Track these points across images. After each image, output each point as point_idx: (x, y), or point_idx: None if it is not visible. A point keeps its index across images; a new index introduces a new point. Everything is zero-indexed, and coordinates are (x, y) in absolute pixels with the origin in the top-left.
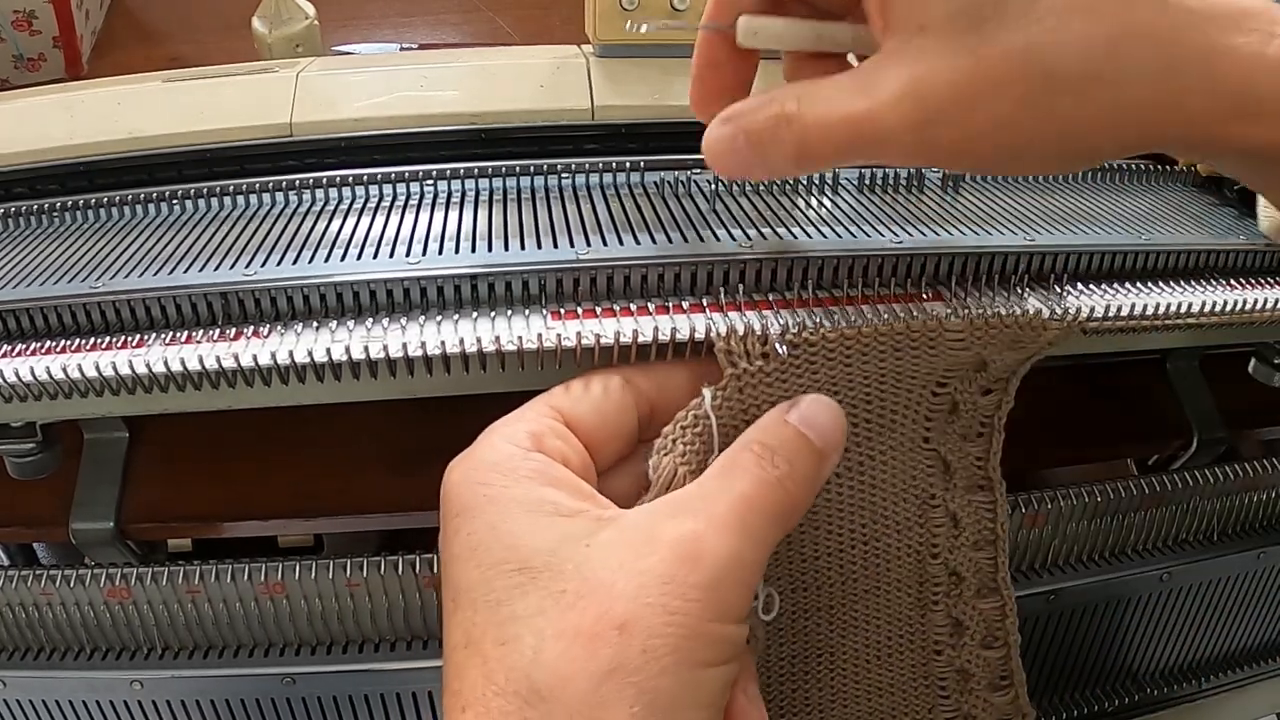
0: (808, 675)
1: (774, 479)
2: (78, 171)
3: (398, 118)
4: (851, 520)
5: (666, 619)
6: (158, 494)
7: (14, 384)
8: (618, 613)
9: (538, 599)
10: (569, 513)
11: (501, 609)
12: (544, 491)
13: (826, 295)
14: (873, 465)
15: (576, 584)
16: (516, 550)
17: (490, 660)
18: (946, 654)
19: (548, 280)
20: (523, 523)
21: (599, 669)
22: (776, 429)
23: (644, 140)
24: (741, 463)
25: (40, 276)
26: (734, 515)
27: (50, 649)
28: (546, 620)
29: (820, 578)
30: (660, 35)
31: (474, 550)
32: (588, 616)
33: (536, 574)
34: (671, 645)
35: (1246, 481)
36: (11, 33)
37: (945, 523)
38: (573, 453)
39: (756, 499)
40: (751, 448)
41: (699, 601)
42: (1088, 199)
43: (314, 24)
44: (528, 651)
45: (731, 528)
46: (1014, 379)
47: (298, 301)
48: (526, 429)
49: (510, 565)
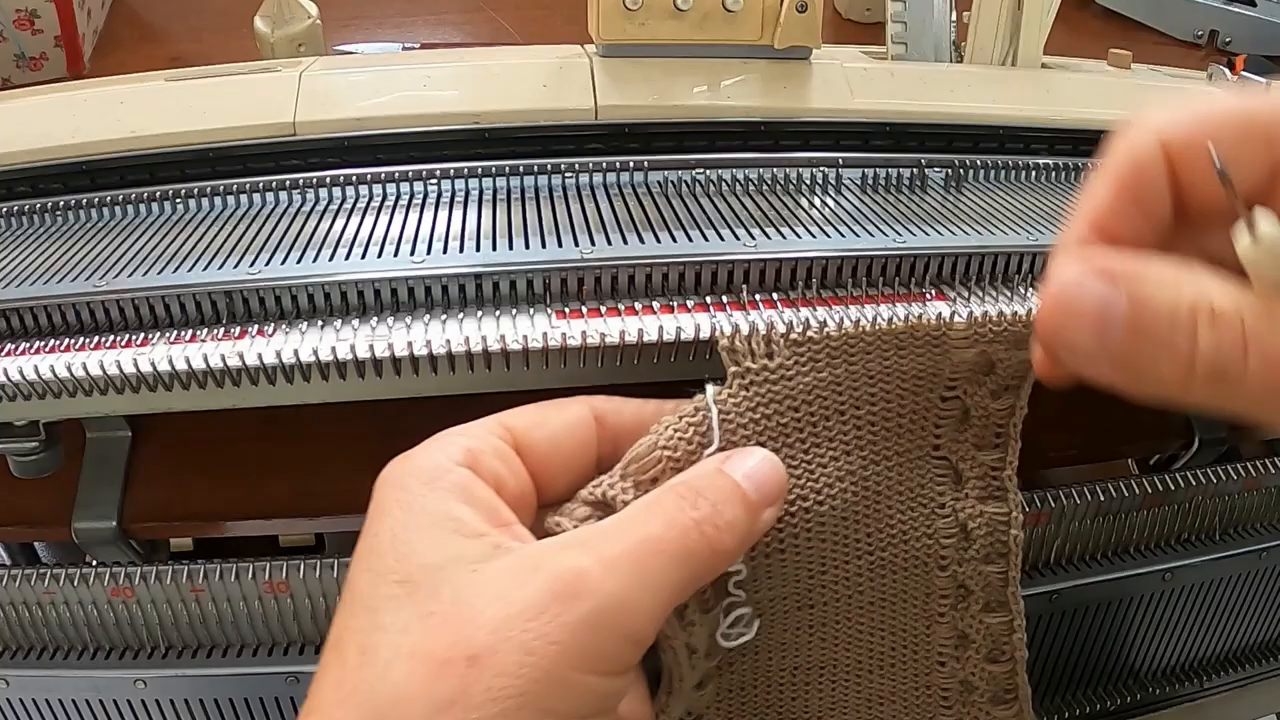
0: (809, 686)
1: (690, 522)
2: (80, 171)
3: (400, 117)
4: (856, 529)
5: (521, 659)
6: (160, 493)
7: (17, 382)
8: (474, 643)
9: (406, 615)
10: (470, 534)
11: (372, 617)
12: (454, 508)
13: (830, 295)
14: (877, 471)
15: (447, 607)
16: (405, 561)
17: (348, 667)
18: (950, 666)
19: (551, 279)
20: (421, 535)
21: (439, 698)
22: (708, 475)
23: (647, 140)
24: (660, 502)
25: (43, 275)
26: (630, 556)
27: (53, 648)
28: (406, 638)
29: (825, 592)
30: (663, 35)
31: (370, 553)
32: (443, 642)
33: (415, 589)
34: (519, 688)
35: (1247, 481)
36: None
37: (955, 533)
38: (510, 477)
39: (663, 541)
40: (675, 488)
41: (561, 645)
42: None
43: (316, 23)
44: (380, 666)
45: (624, 569)
46: (1026, 385)
47: (301, 300)
48: (465, 444)
49: (395, 575)
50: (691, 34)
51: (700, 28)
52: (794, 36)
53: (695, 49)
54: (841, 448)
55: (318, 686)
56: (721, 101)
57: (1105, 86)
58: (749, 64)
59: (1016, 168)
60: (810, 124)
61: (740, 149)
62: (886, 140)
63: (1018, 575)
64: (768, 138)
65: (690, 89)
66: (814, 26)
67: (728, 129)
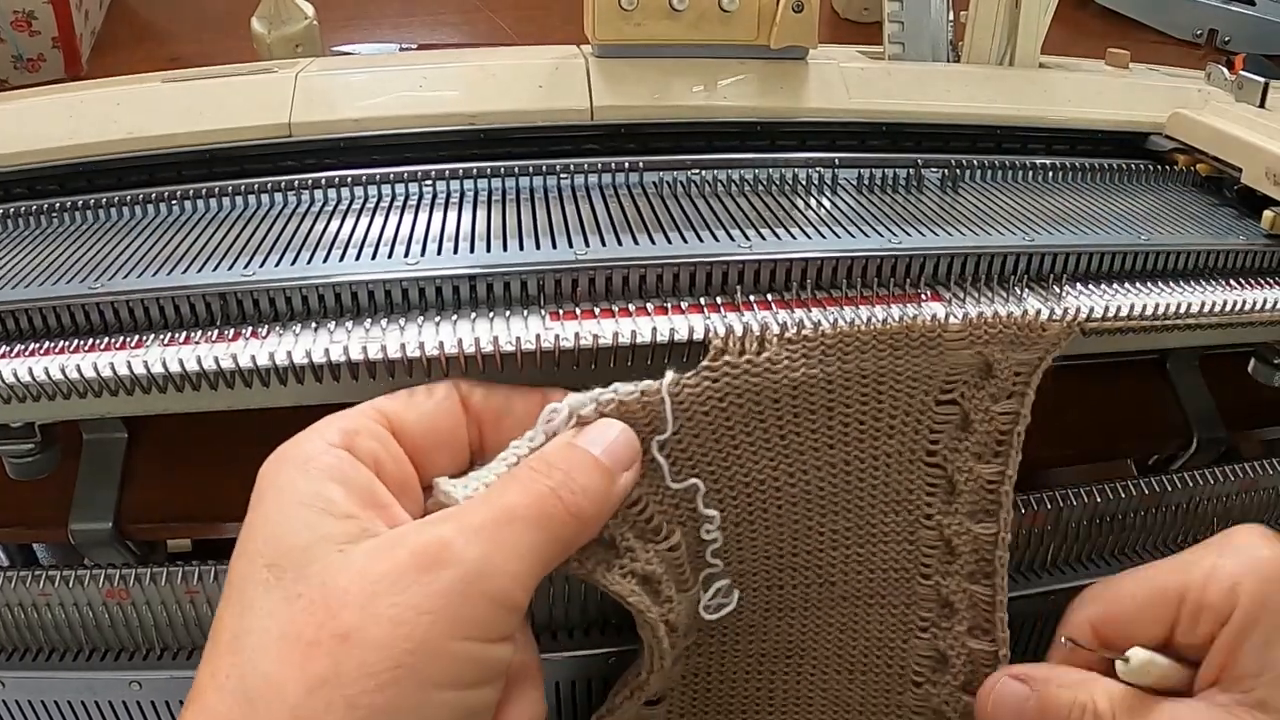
0: (774, 676)
1: (546, 489)
2: (77, 172)
3: (397, 118)
4: (834, 520)
5: (392, 630)
6: (157, 494)
7: (13, 384)
8: (343, 622)
9: (274, 600)
10: (339, 515)
11: (242, 603)
12: (326, 487)
13: (825, 295)
14: (861, 468)
15: (315, 589)
16: (274, 545)
17: (222, 655)
18: (925, 688)
19: (546, 281)
20: (292, 517)
21: (311, 679)
22: (560, 449)
23: (643, 140)
24: (516, 475)
25: (40, 277)
26: (491, 523)
27: (49, 649)
28: (275, 622)
29: (795, 576)
30: (659, 35)
31: (244, 539)
32: (311, 623)
33: (283, 573)
34: (394, 660)
35: (1247, 482)
36: (11, 33)
37: (938, 545)
38: (389, 459)
39: (521, 508)
40: (529, 462)
41: (432, 615)
42: (1088, 199)
43: (313, 24)
44: (250, 652)
45: (485, 536)
46: (1028, 391)
47: (297, 302)
48: (341, 426)
49: (264, 559)
50: (687, 34)
51: (696, 28)
52: (790, 36)
53: (691, 49)
54: (824, 440)
55: (198, 676)
56: (717, 102)
57: (1103, 86)
58: (745, 64)
59: (1013, 168)
60: (806, 124)
61: (736, 149)
62: (883, 140)
63: (1005, 600)
64: (764, 138)
65: (686, 89)
66: (810, 26)
67: (724, 129)
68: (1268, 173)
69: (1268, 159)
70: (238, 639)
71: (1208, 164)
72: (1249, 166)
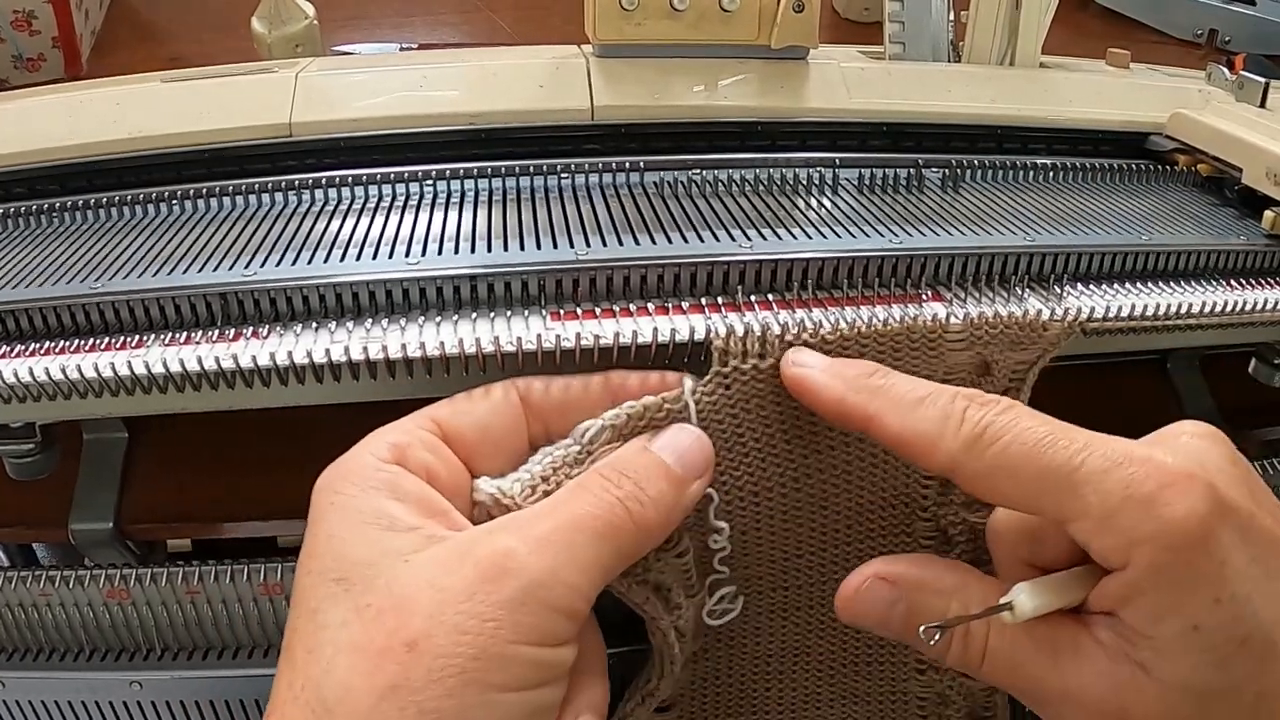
0: (781, 675)
1: (614, 499)
2: (77, 172)
3: (397, 118)
4: (835, 518)
5: (457, 638)
6: (157, 494)
7: (13, 384)
8: (411, 629)
9: (344, 610)
10: (403, 528)
11: (315, 618)
12: (385, 504)
13: (826, 296)
14: (861, 467)
15: (383, 598)
16: (340, 560)
17: (296, 667)
18: (929, 675)
19: (547, 281)
20: (354, 533)
21: (381, 685)
22: (633, 455)
23: (644, 140)
24: (586, 483)
25: (40, 277)
26: (557, 534)
27: (49, 650)
28: (347, 632)
29: (800, 576)
30: (660, 35)
31: (308, 558)
32: (382, 632)
33: (351, 585)
34: (459, 666)
35: None
36: (11, 33)
37: (935, 536)
38: (442, 467)
39: (588, 519)
40: (600, 469)
41: (496, 622)
42: (1088, 199)
43: (313, 24)
44: (324, 662)
45: (551, 546)
46: (1026, 388)
47: (297, 302)
48: (391, 440)
49: (332, 574)
50: (688, 34)
51: (697, 28)
52: (791, 36)
53: (692, 49)
54: (826, 442)
55: (274, 691)
56: (718, 102)
57: (1104, 86)
58: (746, 64)
59: (1014, 168)
60: (807, 124)
61: (737, 149)
62: (884, 140)
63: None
64: (764, 138)
65: (687, 89)
66: (811, 26)
67: (724, 129)
68: (1268, 173)
69: (1268, 159)
70: (310, 652)
71: (1208, 164)
72: (1249, 167)
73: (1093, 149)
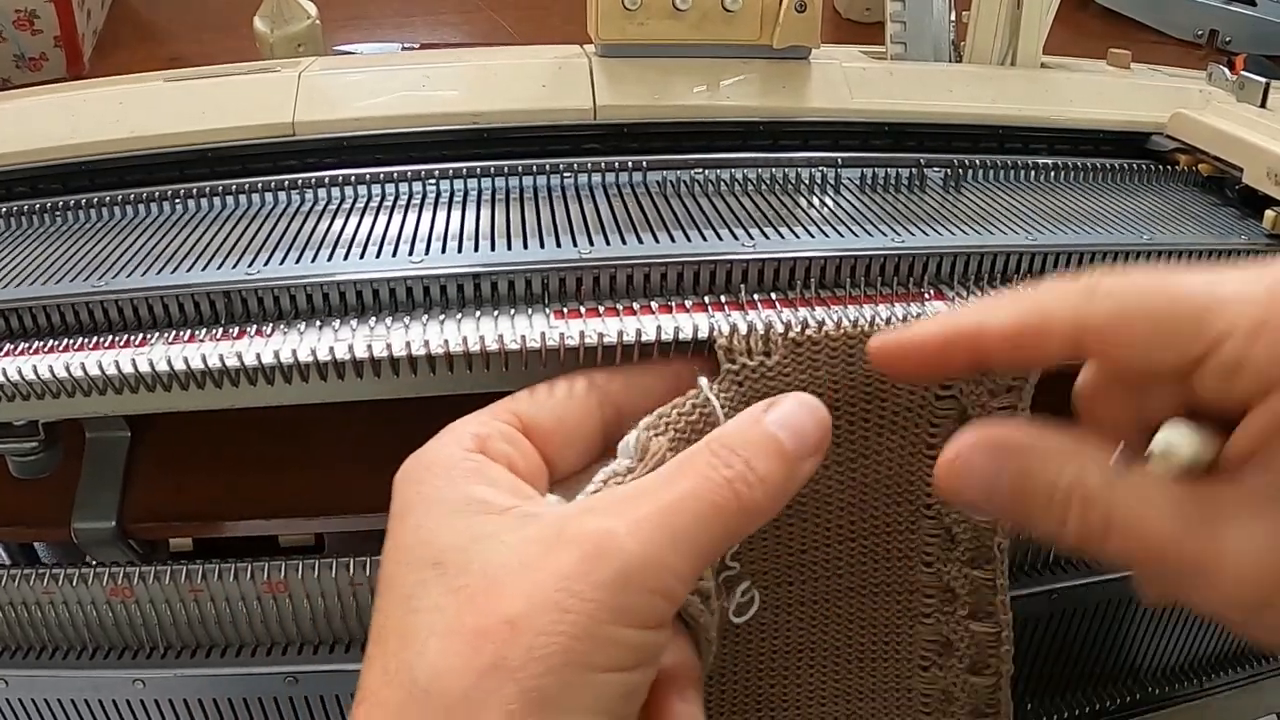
0: (787, 672)
1: (722, 480)
2: (79, 171)
3: (399, 117)
4: (840, 516)
5: (557, 617)
6: (159, 493)
7: (16, 383)
8: (510, 609)
9: (438, 594)
10: (496, 510)
11: (408, 603)
12: (475, 490)
13: (828, 295)
14: (866, 464)
15: (478, 580)
16: (431, 546)
17: (389, 653)
18: (932, 672)
19: (550, 279)
20: (444, 520)
21: (481, 664)
22: (746, 429)
23: (646, 140)
24: (693, 461)
25: (42, 275)
26: (659, 515)
27: (52, 648)
28: (442, 615)
29: (805, 572)
30: (662, 35)
31: (397, 547)
32: (479, 612)
33: (445, 569)
34: (560, 645)
35: None
36: (13, 32)
37: (939, 533)
38: (520, 457)
39: (692, 500)
40: (709, 445)
41: (595, 602)
42: (1089, 199)
43: (315, 23)
44: (419, 645)
45: (652, 528)
46: (1028, 387)
47: (300, 300)
48: (473, 430)
49: (425, 560)
50: (690, 34)
51: (699, 28)
52: (793, 36)
53: (694, 49)
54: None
55: (365, 678)
56: (720, 101)
57: (1105, 86)
58: (748, 64)
59: (1015, 167)
60: (809, 124)
61: (739, 149)
62: (885, 140)
63: (1006, 584)
64: (766, 137)
65: (689, 89)
66: (813, 26)
67: (726, 129)
68: (1269, 173)
69: (1269, 159)
70: (404, 636)
71: (1209, 164)
72: (1250, 167)
73: (1094, 149)
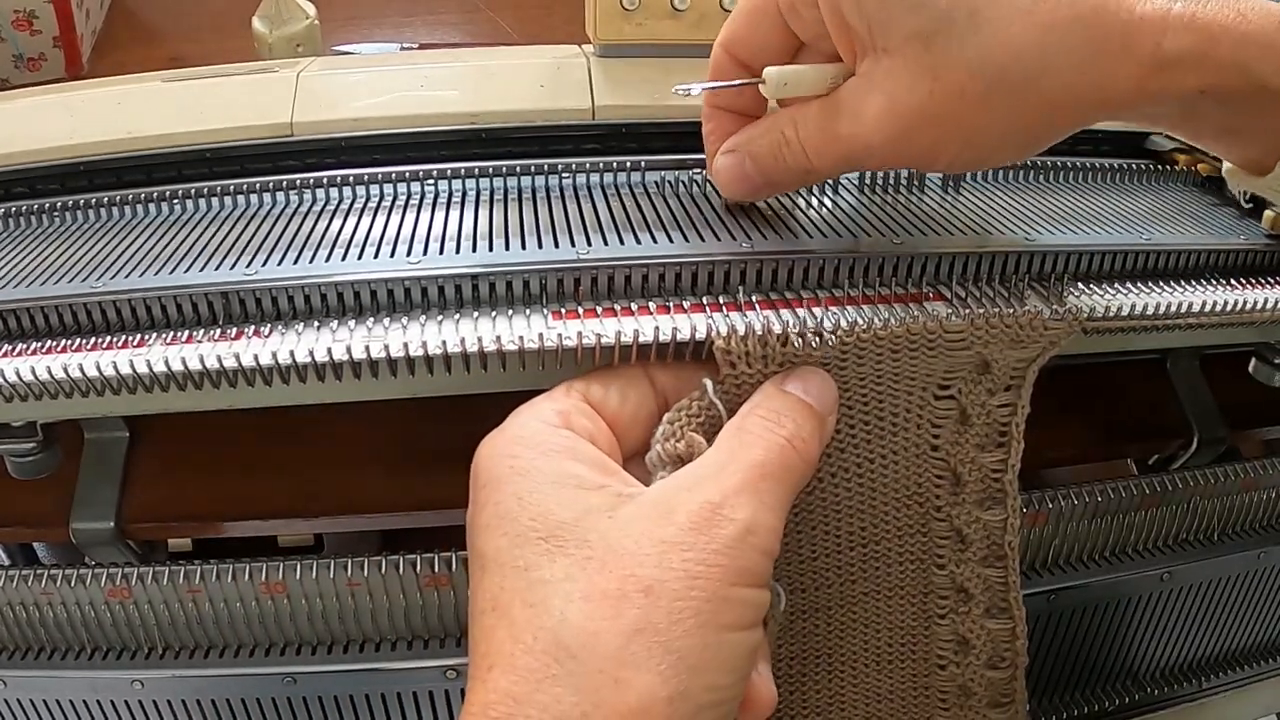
0: (805, 677)
1: (781, 439)
2: (78, 171)
3: (398, 117)
4: (850, 522)
5: (689, 583)
6: (158, 494)
7: (14, 383)
8: (642, 577)
9: (565, 565)
10: (592, 486)
11: (529, 574)
12: (569, 465)
13: (828, 295)
14: (872, 468)
15: (602, 551)
16: (543, 520)
17: (518, 622)
18: (950, 670)
19: (548, 280)
20: (548, 494)
21: (626, 627)
22: (777, 397)
23: (644, 140)
24: (751, 428)
25: (41, 276)
26: (748, 483)
27: (51, 649)
28: (574, 584)
29: (819, 579)
30: (661, 35)
31: (501, 519)
32: (613, 580)
33: (563, 542)
34: (695, 608)
35: (1247, 481)
36: (12, 32)
37: (950, 535)
38: (599, 433)
39: (767, 463)
40: (757, 412)
41: (720, 567)
42: (1088, 199)
43: (314, 24)
44: (555, 613)
45: (746, 495)
46: (1026, 384)
47: (298, 301)
48: (555, 408)
49: (537, 533)
50: (689, 34)
51: (698, 27)
52: None
53: (693, 49)
54: (834, 444)
55: (489, 645)
56: None
57: None
58: None
59: (1014, 167)
60: None
61: None
62: None
63: (1018, 580)
64: None
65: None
66: None
67: None
68: None
69: None
70: (533, 605)
71: (1208, 164)
72: None
73: (1093, 149)
